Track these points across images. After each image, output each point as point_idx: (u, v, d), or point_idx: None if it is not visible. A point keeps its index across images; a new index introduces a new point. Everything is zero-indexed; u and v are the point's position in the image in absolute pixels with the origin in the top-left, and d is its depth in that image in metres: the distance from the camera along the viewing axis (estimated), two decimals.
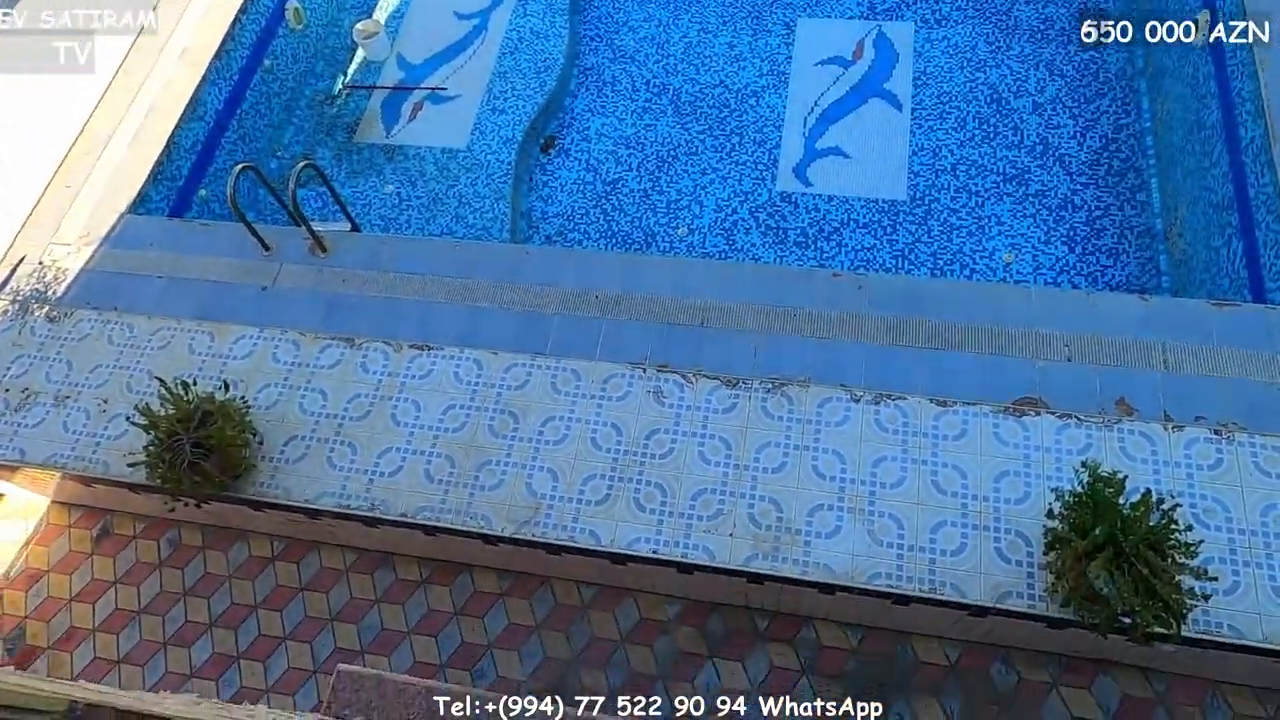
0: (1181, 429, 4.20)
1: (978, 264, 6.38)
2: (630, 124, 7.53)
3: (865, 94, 7.34)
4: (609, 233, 6.94)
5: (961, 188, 6.72)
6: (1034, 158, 6.80)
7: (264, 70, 7.40)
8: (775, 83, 7.55)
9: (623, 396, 4.65)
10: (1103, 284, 6.18)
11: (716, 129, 7.36)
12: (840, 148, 7.07)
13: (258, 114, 7.37)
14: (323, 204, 7.09)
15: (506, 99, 7.57)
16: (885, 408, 4.43)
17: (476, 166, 7.20)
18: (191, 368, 5.10)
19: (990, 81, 7.25)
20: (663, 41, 8.01)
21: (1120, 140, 6.80)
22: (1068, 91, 7.10)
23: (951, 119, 7.09)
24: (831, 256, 6.55)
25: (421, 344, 4.99)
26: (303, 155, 7.52)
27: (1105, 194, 6.57)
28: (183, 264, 5.57)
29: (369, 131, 7.64)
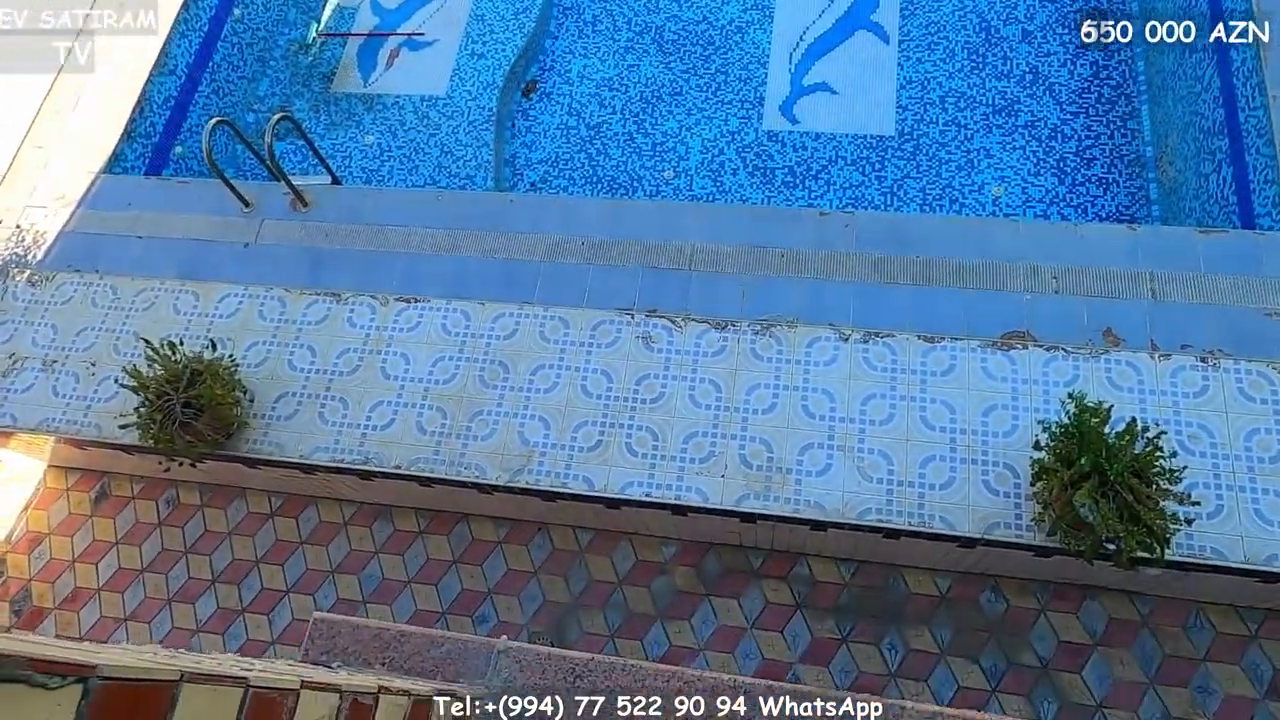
0: (1168, 357, 4.22)
1: (967, 198, 6.32)
2: (613, 65, 7.37)
3: (851, 27, 7.18)
4: (594, 178, 6.85)
5: (950, 121, 6.62)
6: (1024, 88, 6.69)
7: (234, 20, 7.20)
8: (760, 18, 7.37)
9: (612, 343, 4.65)
10: (1093, 214, 6.14)
11: (701, 68, 7.21)
12: (827, 83, 6.94)
13: (231, 66, 7.19)
14: (302, 157, 6.97)
15: (485, 42, 7.40)
16: (874, 346, 4.44)
17: (457, 114, 7.07)
18: (178, 328, 5.08)
19: (979, 9, 7.08)
20: None
21: (1111, 66, 6.68)
22: (1058, 18, 6.95)
23: (940, 50, 6.95)
24: (820, 195, 6.49)
25: (408, 297, 4.96)
26: (279, 108, 7.36)
27: (1095, 123, 6.48)
28: (163, 223, 5.50)
29: (346, 81, 7.47)
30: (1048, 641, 4.40)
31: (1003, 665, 4.38)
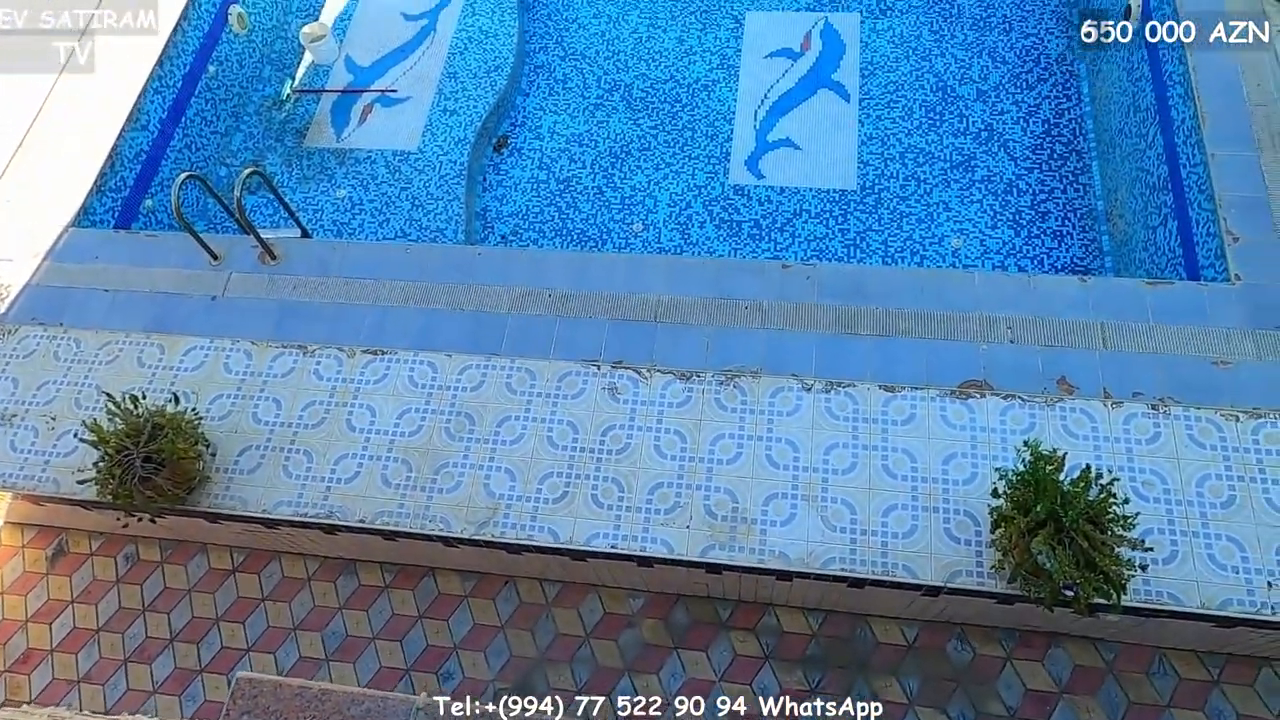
0: (1120, 405, 4.32)
1: (928, 250, 6.49)
2: (583, 121, 7.54)
3: (814, 85, 7.42)
4: (564, 230, 6.95)
5: (910, 176, 6.83)
6: (979, 144, 6.93)
7: (208, 77, 7.30)
8: (725, 76, 7.60)
9: (578, 394, 4.68)
10: (1049, 265, 6.32)
11: (669, 124, 7.40)
12: (791, 139, 7.14)
13: (204, 121, 7.27)
14: (273, 210, 7.02)
15: (458, 99, 7.55)
16: (835, 395, 4.51)
17: (429, 168, 7.17)
18: (141, 381, 5.04)
19: (935, 70, 7.36)
20: (613, 38, 8.03)
21: (1062, 125, 6.95)
22: (1010, 78, 7.24)
23: (899, 108, 7.19)
24: (785, 247, 6.63)
25: (375, 349, 4.97)
26: (251, 162, 7.43)
27: (1049, 177, 6.71)
28: (130, 276, 5.49)
29: (319, 136, 7.57)
30: (1015, 690, 4.40)
31: (971, 715, 4.37)
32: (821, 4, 7.93)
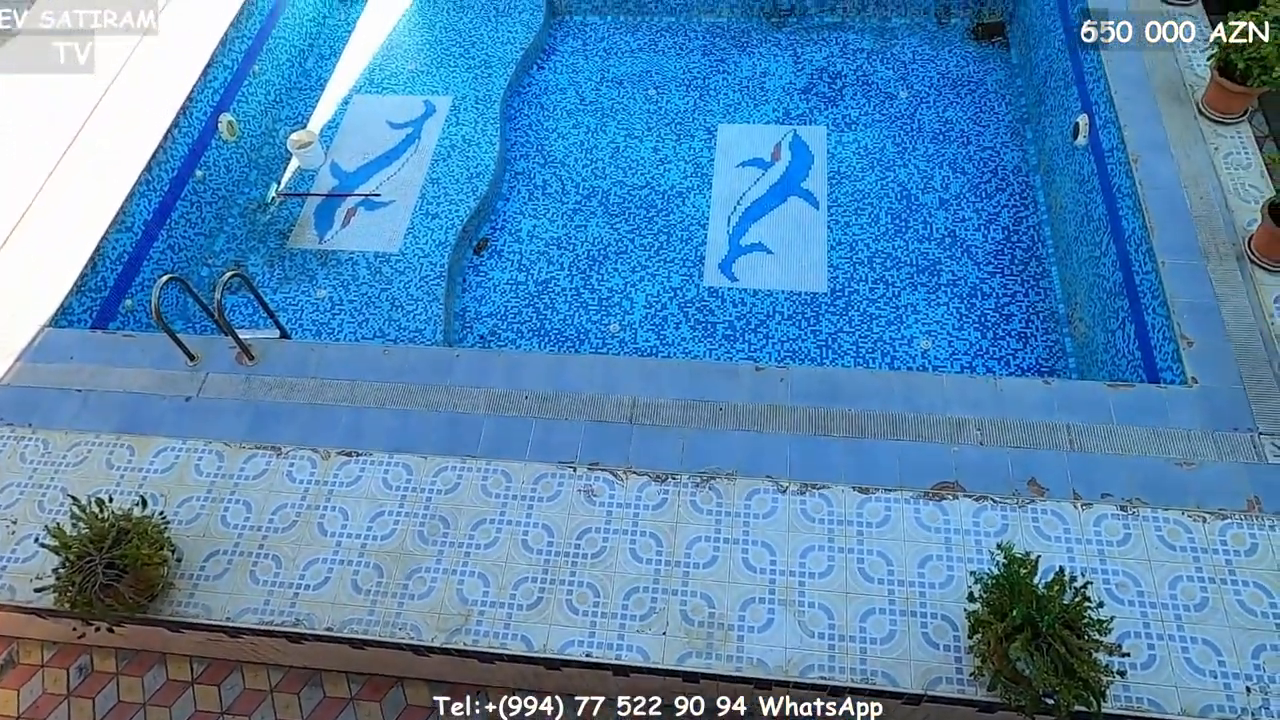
0: (1090, 506, 4.38)
1: (898, 351, 6.65)
2: (561, 225, 7.77)
3: (784, 193, 7.74)
4: (542, 331, 7.06)
5: (879, 279, 7.06)
6: (944, 249, 7.21)
7: (196, 180, 7.47)
8: (699, 184, 7.91)
9: (554, 496, 4.66)
10: (1015, 366, 6.49)
11: (645, 228, 7.64)
12: (763, 244, 7.39)
13: (188, 223, 7.40)
14: (252, 310, 7.07)
15: (440, 203, 7.76)
16: (811, 497, 4.53)
17: (410, 269, 7.31)
18: (109, 483, 4.96)
19: (899, 180, 7.72)
20: (591, 147, 8.36)
21: (1021, 232, 7.26)
22: (970, 188, 7.60)
23: (866, 215, 7.50)
24: (759, 348, 6.76)
25: (350, 450, 4.95)
26: (232, 263, 7.54)
27: (1011, 281, 6.97)
28: (103, 376, 5.47)
29: (302, 238, 7.72)
30: None
31: None
32: (790, 117, 8.35)
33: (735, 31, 9.28)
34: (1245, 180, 5.62)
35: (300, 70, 9.14)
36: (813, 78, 8.68)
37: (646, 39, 9.34)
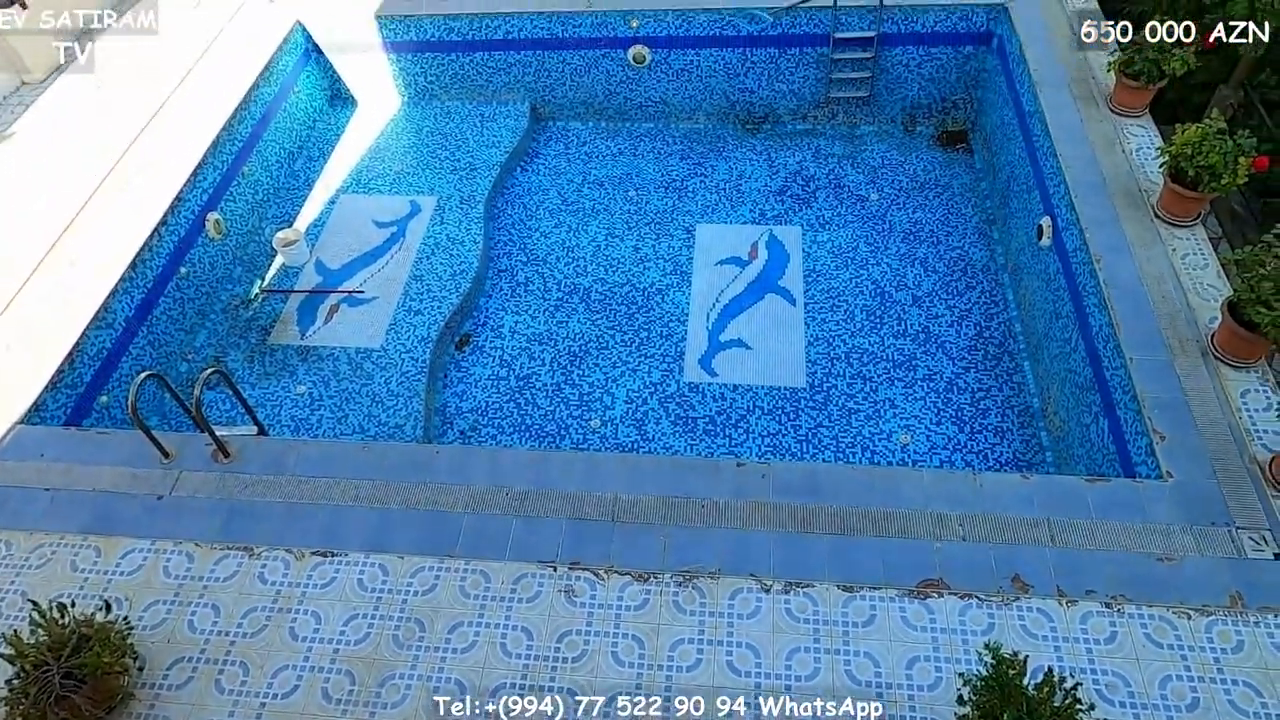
0: (1075, 603, 4.35)
1: (877, 446, 6.69)
2: (543, 321, 7.86)
3: (762, 290, 7.92)
4: (523, 426, 7.04)
5: (856, 374, 7.16)
6: (918, 345, 7.35)
7: (180, 277, 7.53)
8: (679, 281, 8.08)
9: (533, 598, 4.56)
10: (993, 460, 6.54)
11: (626, 325, 7.75)
12: (742, 340, 7.51)
13: (170, 319, 7.42)
14: (230, 406, 7.02)
15: (422, 300, 7.85)
16: (795, 596, 4.46)
17: (391, 365, 7.33)
18: (73, 586, 4.79)
19: (873, 277, 7.94)
20: (573, 245, 8.56)
21: (992, 328, 7.45)
22: (941, 285, 7.82)
23: (841, 311, 7.67)
24: (740, 443, 6.77)
25: (325, 550, 4.84)
26: (213, 359, 7.52)
27: (985, 376, 7.09)
28: (74, 474, 5.36)
29: (284, 333, 7.74)
30: None
31: None
32: (766, 218, 8.62)
33: (712, 137, 9.68)
34: (1203, 280, 5.84)
35: (289, 171, 9.37)
36: (787, 180, 9.02)
37: (627, 143, 9.71)
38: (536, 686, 4.23)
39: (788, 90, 9.46)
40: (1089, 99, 7.33)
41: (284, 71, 9.28)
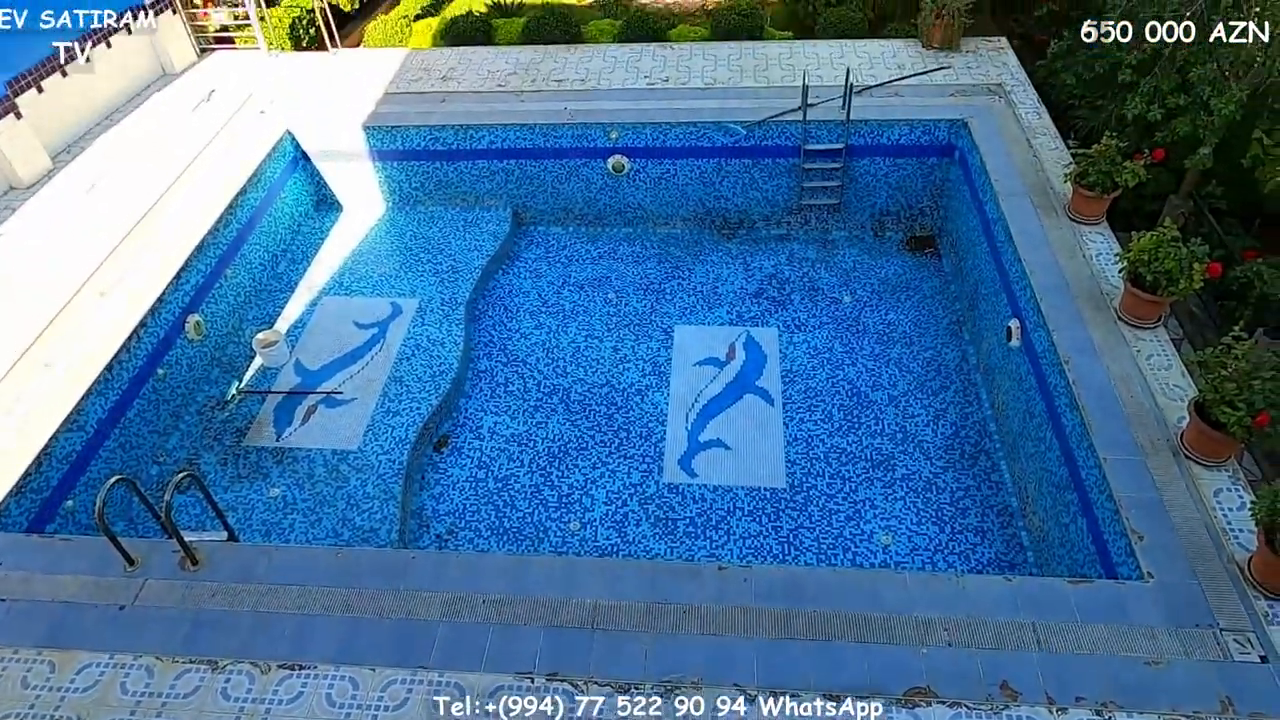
0: (1065, 711, 4.25)
1: (859, 547, 6.63)
2: (522, 422, 7.85)
3: (740, 391, 8.00)
4: (500, 529, 6.93)
5: (835, 474, 7.17)
6: (896, 444, 7.40)
7: (156, 379, 7.49)
8: (658, 382, 8.15)
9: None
10: (974, 561, 6.49)
11: (605, 425, 7.75)
12: (721, 440, 7.52)
13: (143, 421, 7.32)
14: (200, 510, 6.87)
15: (401, 401, 7.83)
16: (780, 707, 4.33)
17: (367, 467, 7.24)
18: (23, 706, 4.54)
19: (849, 378, 8.06)
20: (552, 346, 8.65)
21: (968, 427, 7.53)
22: (916, 385, 7.95)
23: (819, 411, 7.74)
24: (721, 545, 6.69)
25: (292, 663, 4.65)
26: (185, 462, 7.40)
27: (963, 475, 7.13)
28: (33, 584, 5.17)
29: (259, 435, 7.65)
30: None
31: None
32: (743, 319, 8.80)
33: (689, 241, 9.97)
34: (1169, 380, 5.99)
35: (272, 273, 9.48)
36: (763, 283, 9.25)
37: (606, 247, 9.96)
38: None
39: (762, 198, 9.83)
40: (1048, 207, 7.67)
41: (272, 177, 9.52)
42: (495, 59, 10.93)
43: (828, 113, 9.15)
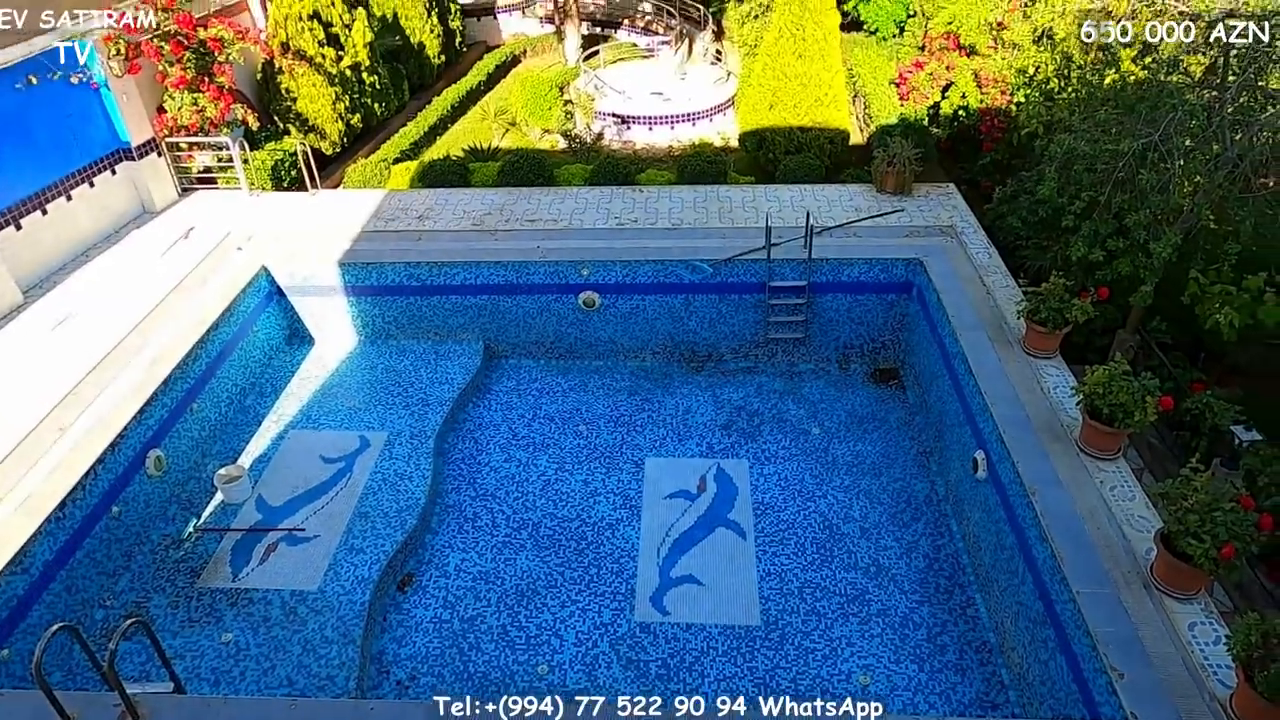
0: None
1: (836, 687, 6.42)
2: (490, 558, 7.66)
3: (712, 524, 7.92)
4: (465, 674, 6.62)
5: (810, 610, 7.02)
6: (870, 578, 7.31)
7: (110, 517, 7.25)
8: (629, 516, 8.06)
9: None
10: (955, 701, 6.30)
11: (575, 561, 7.59)
12: (694, 576, 7.38)
13: (92, 562, 7.02)
14: (147, 658, 6.50)
15: (366, 538, 7.63)
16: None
17: (327, 609, 6.95)
18: None
19: (820, 510, 8.04)
20: (522, 479, 8.56)
21: (941, 560, 7.48)
22: (888, 517, 7.94)
23: (792, 544, 7.66)
24: (695, 688, 6.44)
25: None
26: (134, 605, 7.05)
27: (939, 610, 7.02)
28: None
29: (214, 576, 7.36)
30: None
31: None
32: (713, 451, 8.83)
33: (659, 374, 10.12)
34: (1134, 511, 6.06)
35: (239, 406, 9.40)
36: (732, 415, 9.35)
37: (577, 380, 10.07)
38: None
39: (729, 332, 10.09)
40: (1004, 342, 7.96)
41: (245, 312, 9.61)
42: (471, 200, 11.37)
43: (790, 251, 9.55)
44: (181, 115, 11.29)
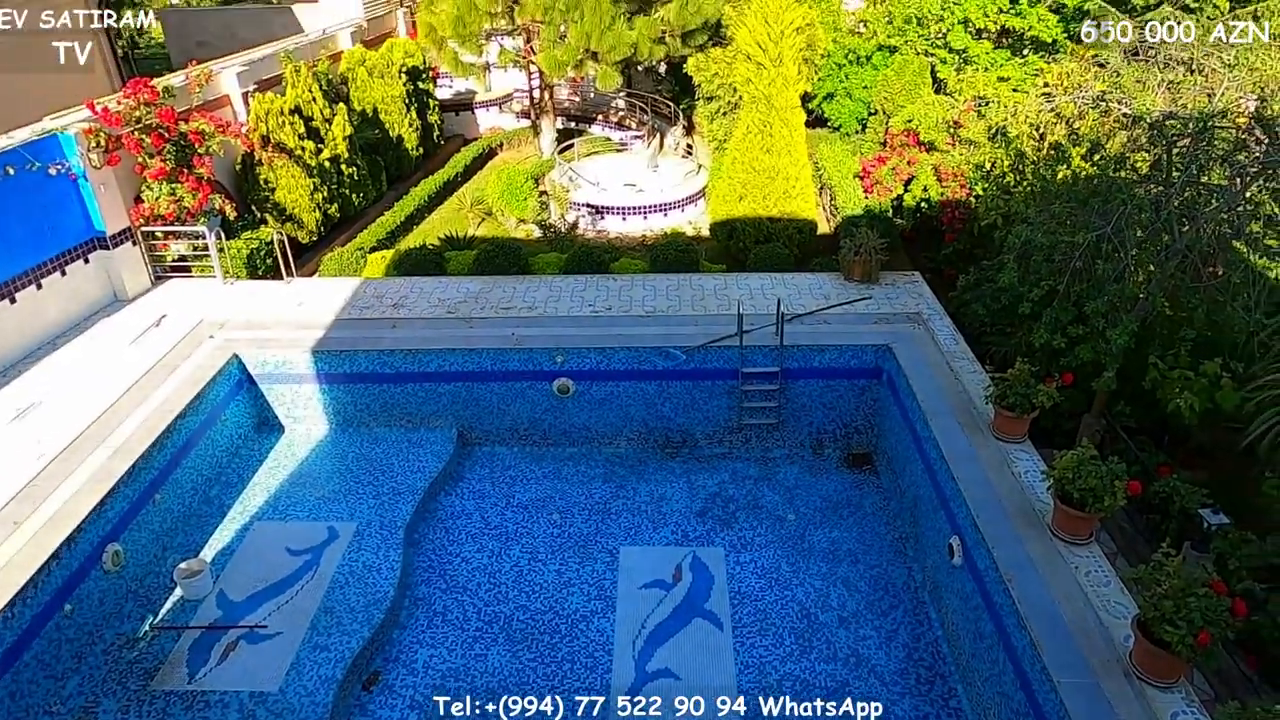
0: None
1: None
2: (460, 654, 7.41)
3: (688, 614, 7.76)
4: None
5: (790, 707, 6.82)
6: (850, 670, 7.16)
7: (62, 616, 6.94)
8: (603, 607, 7.88)
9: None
10: None
11: (548, 656, 7.36)
12: (670, 669, 7.18)
13: (40, 664, 6.68)
14: None
15: (331, 634, 7.36)
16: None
17: (288, 711, 6.63)
18: None
19: (798, 598, 7.92)
20: (494, 571, 8.37)
21: (921, 649, 7.37)
22: (866, 605, 7.84)
23: (770, 635, 7.51)
24: None
25: None
26: (82, 710, 6.68)
27: (921, 703, 6.86)
28: None
29: (170, 677, 7.02)
30: None
31: None
32: (689, 539, 8.72)
33: (633, 460, 10.07)
34: (1109, 597, 6.05)
35: (203, 498, 9.17)
36: (707, 502, 9.28)
37: (551, 466, 9.98)
38: None
39: (703, 417, 10.12)
40: (974, 426, 8.06)
41: (214, 401, 9.48)
42: (447, 288, 11.48)
43: (762, 338, 9.70)
44: (159, 205, 11.39)
